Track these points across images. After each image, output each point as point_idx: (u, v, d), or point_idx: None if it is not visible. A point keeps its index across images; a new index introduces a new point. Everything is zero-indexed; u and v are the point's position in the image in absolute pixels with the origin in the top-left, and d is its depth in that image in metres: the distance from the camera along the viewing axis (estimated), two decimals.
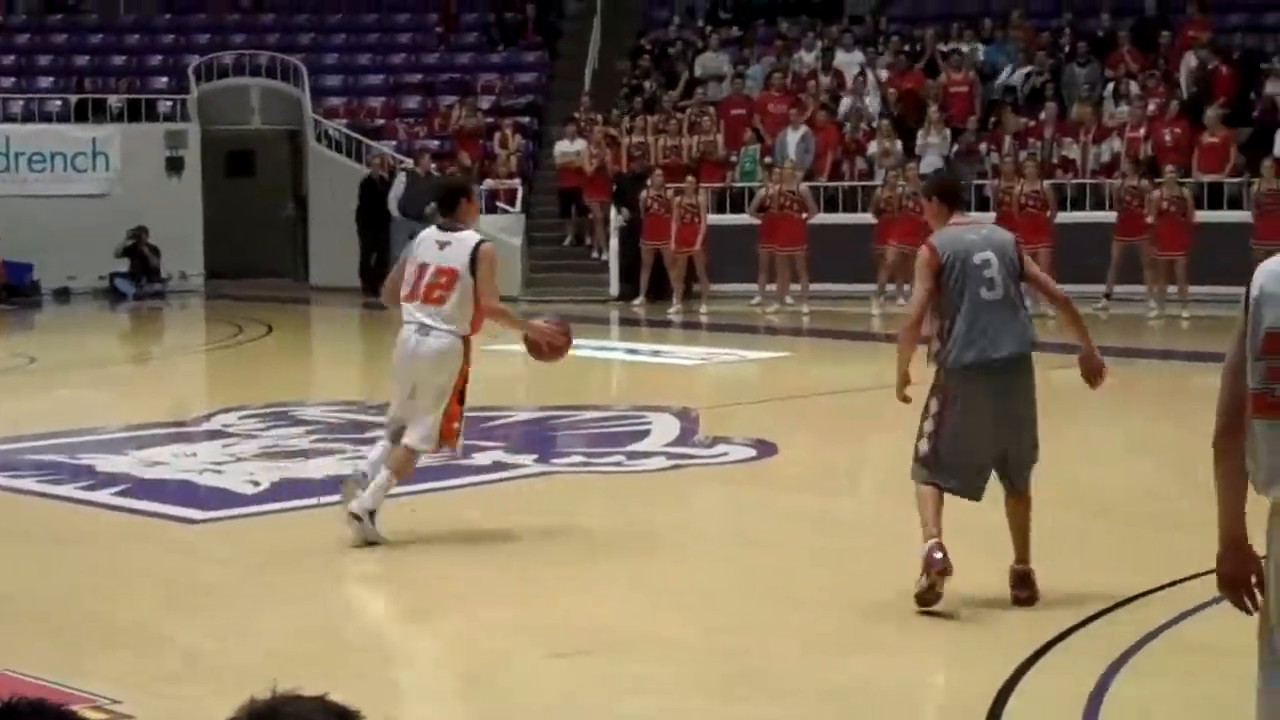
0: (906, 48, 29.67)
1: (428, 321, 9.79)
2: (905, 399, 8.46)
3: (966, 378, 8.33)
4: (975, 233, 8.61)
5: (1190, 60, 27.38)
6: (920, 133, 27.04)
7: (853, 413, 15.60)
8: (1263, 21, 29.22)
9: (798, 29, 31.18)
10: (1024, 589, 8.30)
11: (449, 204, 10.18)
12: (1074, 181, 25.82)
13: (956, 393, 8.37)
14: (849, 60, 29.67)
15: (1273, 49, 27.17)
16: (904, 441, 13.86)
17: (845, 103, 28.55)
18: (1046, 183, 24.41)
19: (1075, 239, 23.43)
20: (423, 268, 9.89)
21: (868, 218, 24.70)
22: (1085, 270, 22.85)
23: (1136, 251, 23.33)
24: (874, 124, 27.67)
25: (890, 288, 24.36)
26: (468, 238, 9.91)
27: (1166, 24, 28.74)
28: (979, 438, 8.35)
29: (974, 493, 8.47)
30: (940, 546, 8.17)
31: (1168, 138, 25.45)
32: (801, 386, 17.63)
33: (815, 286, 24.75)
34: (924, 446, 8.45)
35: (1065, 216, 24.20)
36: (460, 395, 9.93)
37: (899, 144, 26.81)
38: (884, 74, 29.00)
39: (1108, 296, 23.22)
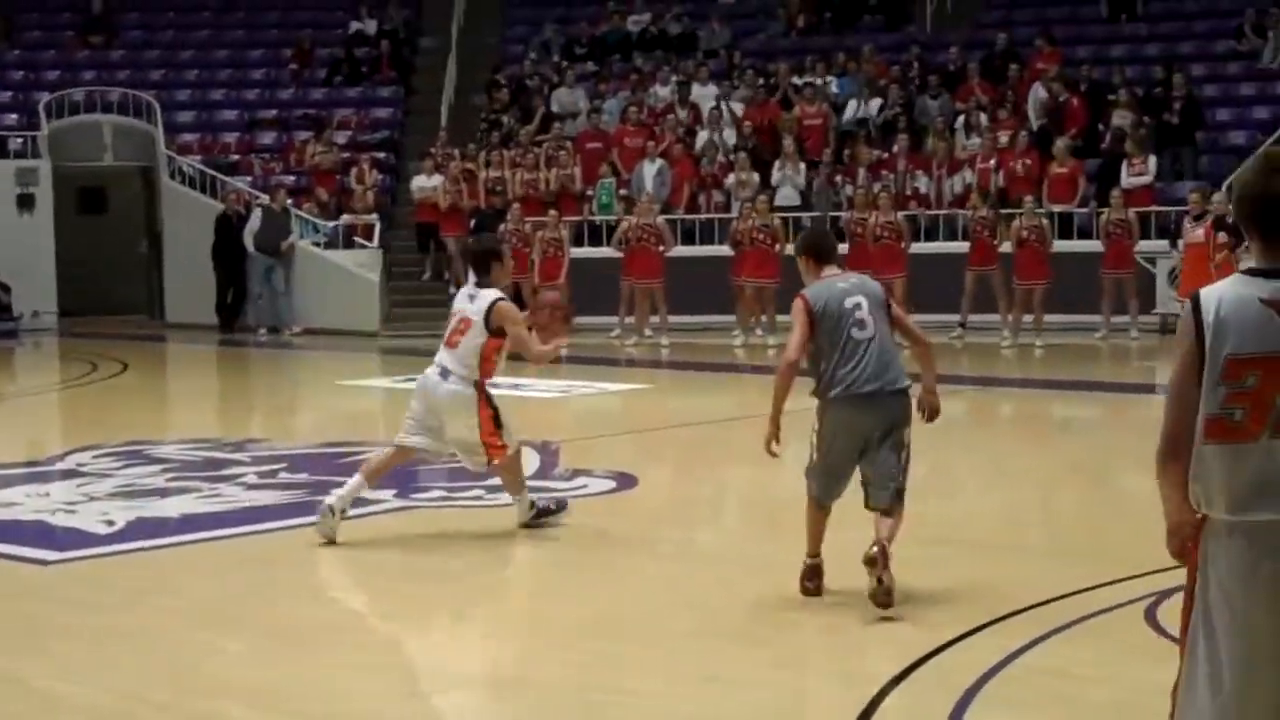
0: (761, 81, 29.92)
1: (446, 364, 10.79)
2: (772, 454, 8.70)
3: (839, 409, 8.78)
4: (846, 280, 9.06)
5: (1039, 92, 27.83)
6: (776, 165, 27.27)
7: (712, 444, 15.68)
8: (1109, 54, 29.76)
9: (652, 63, 31.35)
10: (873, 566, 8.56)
11: (483, 266, 10.98)
12: (928, 213, 26.14)
13: (830, 423, 8.83)
14: (704, 94, 29.88)
15: (1119, 81, 27.66)
16: (763, 473, 13.96)
17: (701, 136, 28.74)
18: (900, 214, 24.71)
19: (929, 269, 23.75)
20: (452, 316, 10.93)
21: (725, 250, 24.85)
22: (939, 299, 23.19)
23: (989, 281, 23.65)
24: (730, 157, 27.87)
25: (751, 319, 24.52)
26: (489, 294, 10.77)
27: (1016, 57, 29.18)
28: (845, 463, 8.89)
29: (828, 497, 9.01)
30: (810, 572, 8.95)
31: (1019, 169, 25.84)
32: (661, 418, 17.70)
33: (674, 319, 24.86)
34: (810, 459, 9.02)
35: (919, 247, 24.51)
36: (493, 419, 10.73)
37: (755, 176, 27.02)
38: (739, 107, 29.21)
39: (962, 325, 23.56)
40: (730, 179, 27.32)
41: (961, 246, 24.40)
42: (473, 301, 10.78)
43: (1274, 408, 4.62)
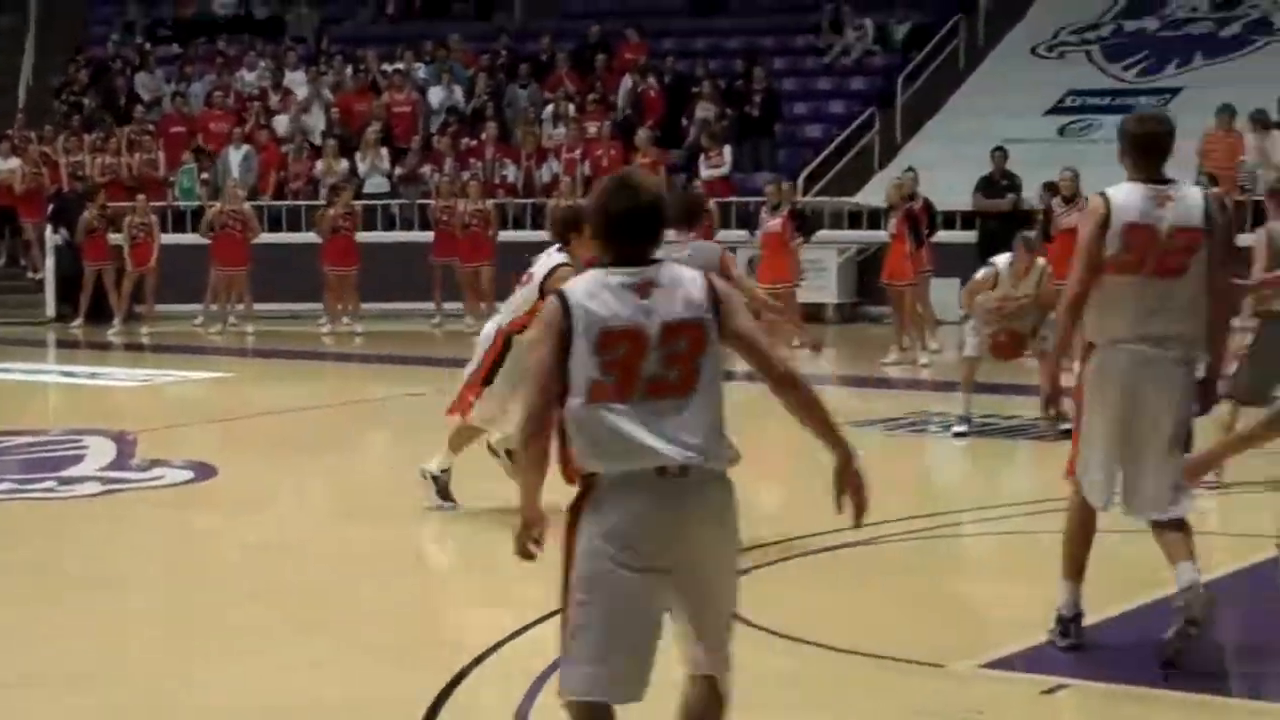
0: (350, 68, 29.73)
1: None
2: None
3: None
4: None
5: (627, 83, 28.26)
6: (361, 152, 27.13)
7: (296, 433, 15.52)
8: (693, 46, 30.39)
9: (239, 47, 30.88)
10: None
11: (563, 234, 10.51)
12: (516, 201, 26.31)
13: None
14: (293, 79, 29.56)
15: (702, 73, 28.26)
16: (346, 462, 13.89)
17: (287, 121, 28.42)
18: (489, 201, 24.81)
19: (517, 257, 23.79)
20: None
21: (313, 237, 24.60)
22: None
23: None
24: (317, 144, 27.64)
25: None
26: (556, 257, 10.35)
27: (605, 48, 29.56)
28: None
29: None
30: None
31: (603, 159, 26.21)
32: (244, 407, 17.45)
33: (260, 306, 24.52)
34: None
35: (507, 235, 24.60)
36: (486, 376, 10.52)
37: (344, 163, 26.83)
38: (328, 94, 28.97)
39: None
40: (318, 166, 27.07)
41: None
42: (542, 260, 10.54)
43: (640, 374, 5.12)
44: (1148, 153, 7.42)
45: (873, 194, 25.28)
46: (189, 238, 25.06)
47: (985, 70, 28.57)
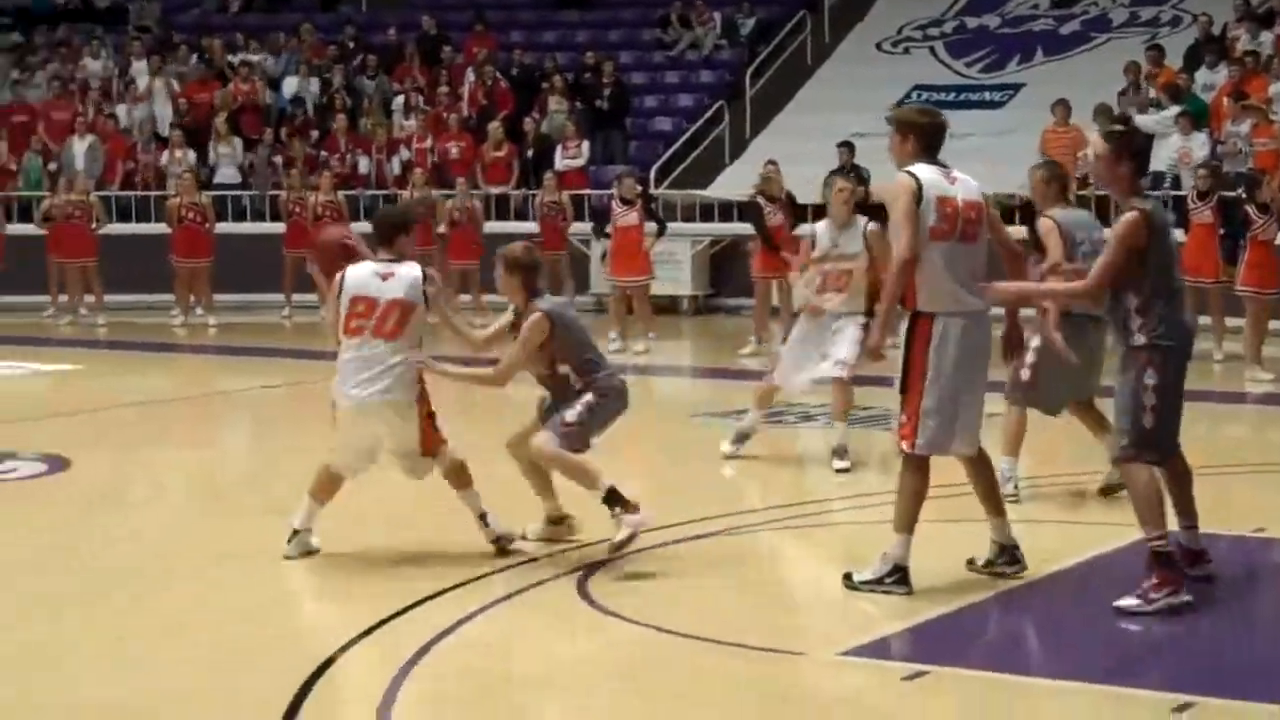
0: (195, 57, 29.47)
1: None
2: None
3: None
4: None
5: (472, 75, 28.23)
6: (211, 143, 26.93)
7: (149, 426, 15.42)
8: (541, 39, 30.45)
9: (82, 36, 30.51)
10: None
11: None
12: (368, 192, 26.22)
13: None
14: (138, 68, 29.25)
15: (551, 67, 28.31)
16: (199, 453, 13.81)
17: (131, 110, 28.11)
18: (341, 193, 24.68)
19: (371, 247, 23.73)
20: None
21: (162, 227, 24.35)
22: None
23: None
24: (164, 134, 27.40)
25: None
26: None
27: (449, 40, 29.53)
28: None
29: None
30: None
31: (454, 151, 26.21)
32: (95, 400, 17.27)
33: (110, 298, 24.24)
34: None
35: (358, 226, 24.44)
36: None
37: (191, 154, 26.61)
38: (174, 83, 28.71)
39: None
40: (165, 156, 26.82)
41: None
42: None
43: None
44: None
45: (722, 187, 25.51)
46: (35, 229, 24.72)
47: (832, 65, 28.88)
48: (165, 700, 7.14)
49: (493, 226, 24.46)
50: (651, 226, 20.48)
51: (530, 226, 24.57)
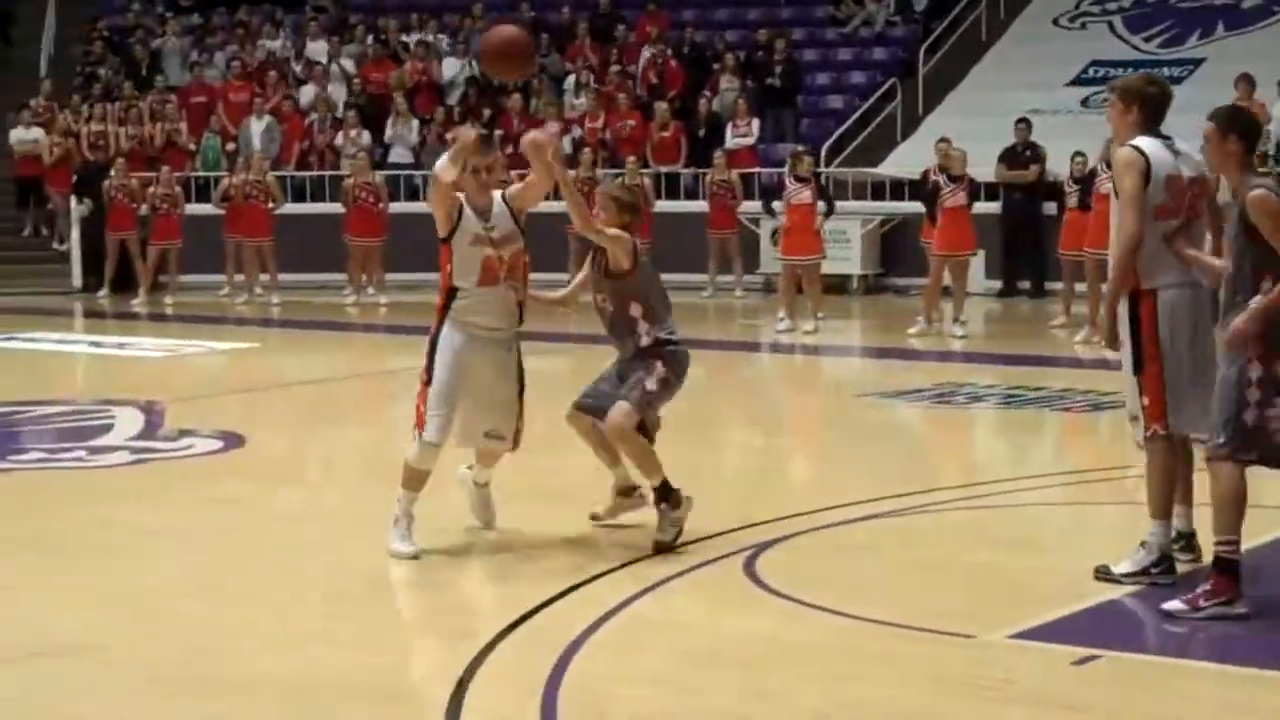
0: (371, 38, 29.74)
1: None
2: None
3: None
4: None
5: (645, 54, 28.25)
6: (389, 123, 27.17)
7: (322, 403, 15.61)
8: (713, 17, 30.37)
9: (260, 17, 30.90)
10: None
11: None
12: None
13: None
14: (314, 49, 29.59)
15: (722, 45, 28.25)
16: (371, 431, 13.95)
17: (310, 91, 28.45)
18: (513, 172, 24.66)
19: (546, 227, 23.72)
20: None
21: (336, 207, 24.65)
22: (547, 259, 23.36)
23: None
24: (339, 114, 27.69)
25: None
26: None
27: (622, 19, 29.55)
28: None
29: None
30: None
31: (623, 130, 26.24)
32: (270, 378, 17.53)
33: (284, 277, 24.59)
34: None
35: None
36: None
37: (366, 134, 26.87)
38: (350, 64, 28.99)
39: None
40: (340, 136, 27.11)
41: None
42: None
43: None
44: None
45: (895, 165, 25.30)
46: (213, 209, 25.10)
47: (1007, 41, 28.55)
48: (332, 675, 7.19)
49: (663, 205, 24.47)
50: (822, 205, 20.33)
51: (700, 205, 24.57)
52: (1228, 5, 27.82)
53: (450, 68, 28.79)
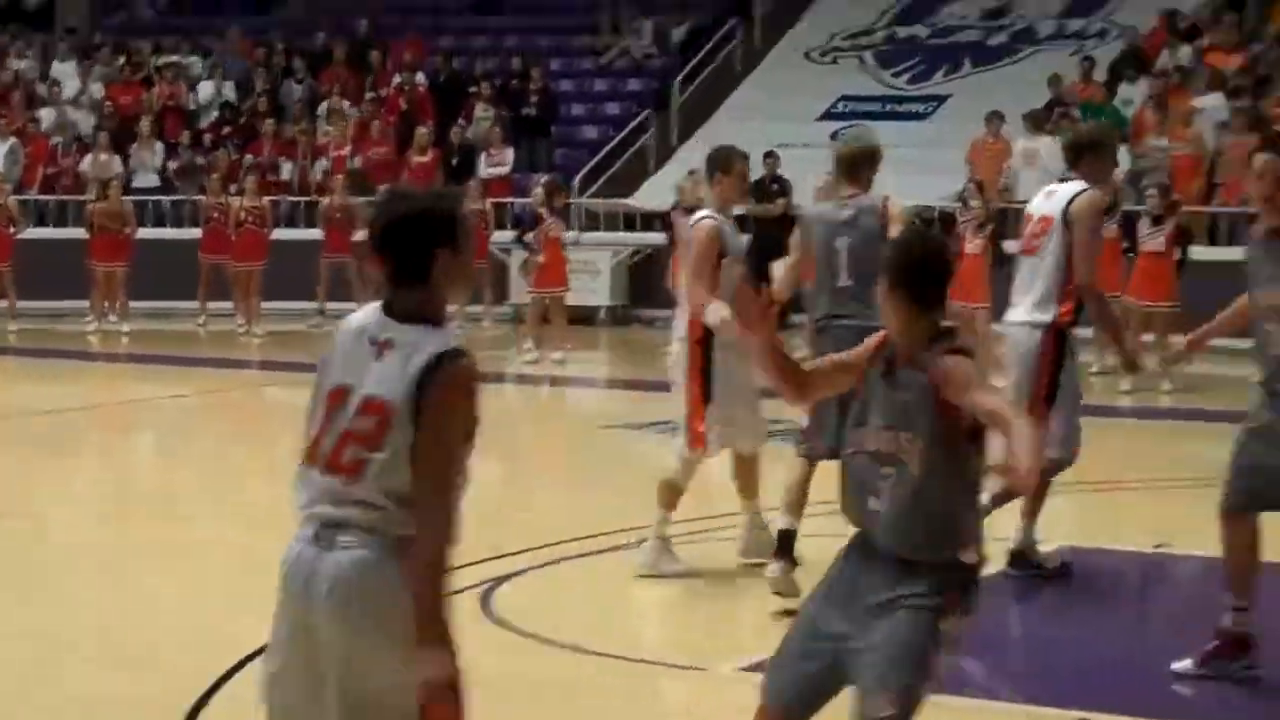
0: (123, 60, 29.20)
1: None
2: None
3: None
4: None
5: (395, 80, 28.04)
6: (134, 147, 26.67)
7: (58, 434, 15.18)
8: (470, 45, 30.30)
9: (7, 37, 30.24)
10: None
11: None
12: (290, 198, 26.00)
13: None
14: (61, 71, 29.00)
15: (480, 71, 28.18)
16: (110, 463, 13.57)
17: (53, 114, 27.82)
18: (265, 199, 24.28)
19: (291, 255, 23.41)
20: None
21: (80, 233, 24.02)
22: (296, 287, 23.11)
23: (344, 268, 23.38)
24: (84, 137, 27.15)
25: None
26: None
27: (379, 44, 29.35)
28: None
29: None
30: None
31: (373, 156, 26.01)
32: (4, 407, 17.04)
33: (25, 303, 23.88)
34: None
35: (281, 233, 24.21)
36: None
37: (116, 158, 26.33)
38: (99, 87, 28.45)
39: (321, 313, 23.16)
40: (87, 160, 26.53)
41: (319, 234, 24.05)
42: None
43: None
44: None
45: (647, 196, 25.40)
46: None
47: (760, 74, 28.81)
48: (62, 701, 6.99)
49: None
50: (572, 234, 20.27)
51: None
52: (974, 42, 28.37)
53: (205, 91, 28.38)
